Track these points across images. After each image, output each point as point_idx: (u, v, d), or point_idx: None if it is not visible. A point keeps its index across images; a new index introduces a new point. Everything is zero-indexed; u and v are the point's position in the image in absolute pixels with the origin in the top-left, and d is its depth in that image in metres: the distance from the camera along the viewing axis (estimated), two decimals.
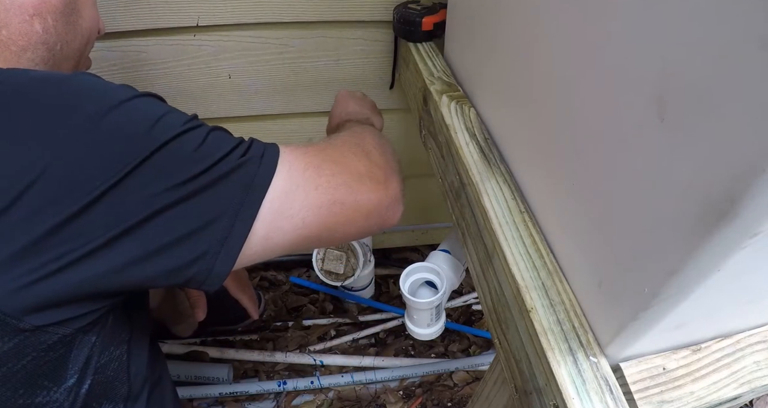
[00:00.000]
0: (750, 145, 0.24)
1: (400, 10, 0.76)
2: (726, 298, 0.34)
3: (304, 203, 0.44)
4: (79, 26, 0.51)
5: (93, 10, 0.54)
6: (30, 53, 0.46)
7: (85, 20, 0.52)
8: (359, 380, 1.06)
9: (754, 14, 0.23)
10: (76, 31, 0.51)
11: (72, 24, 0.50)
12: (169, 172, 0.38)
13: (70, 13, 0.49)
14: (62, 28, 0.49)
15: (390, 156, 0.56)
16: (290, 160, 0.45)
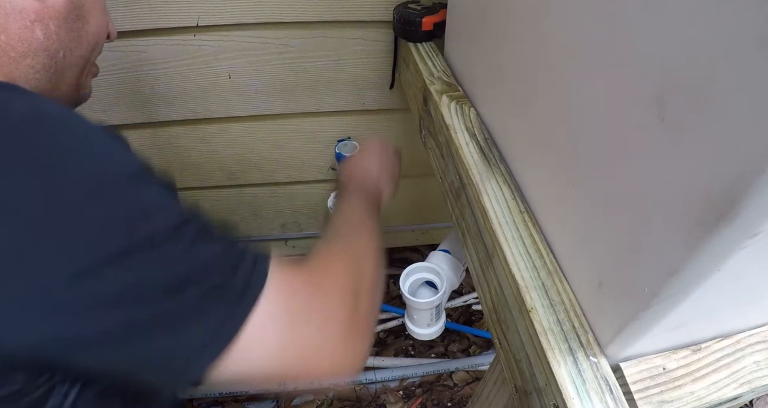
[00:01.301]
0: (750, 145, 0.24)
1: (400, 10, 0.76)
2: (726, 298, 0.34)
3: (262, 361, 0.38)
4: (85, 33, 0.50)
5: (101, 16, 0.52)
6: (30, 60, 0.45)
7: (91, 26, 0.50)
8: (359, 380, 1.06)
9: (754, 14, 0.23)
10: (80, 38, 0.49)
11: (76, 31, 0.48)
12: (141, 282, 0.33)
13: (74, 20, 0.48)
14: (65, 35, 0.47)
15: (377, 300, 0.54)
16: (271, 301, 0.38)
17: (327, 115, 0.93)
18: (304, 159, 0.99)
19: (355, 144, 0.95)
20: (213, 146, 0.95)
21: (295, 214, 1.11)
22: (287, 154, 0.98)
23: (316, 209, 1.10)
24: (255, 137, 0.94)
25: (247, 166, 0.99)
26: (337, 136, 0.97)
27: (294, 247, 1.18)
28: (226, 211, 1.07)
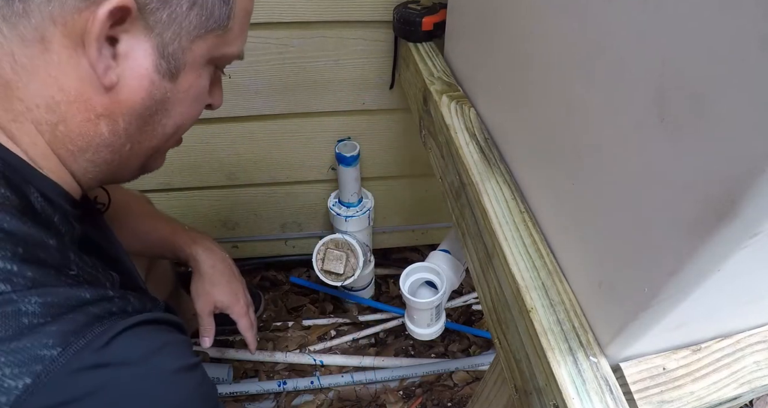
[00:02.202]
0: (750, 145, 0.24)
1: (400, 10, 0.76)
2: (726, 298, 0.34)
3: None
4: (162, 126, 0.44)
5: (194, 104, 0.45)
6: (90, 155, 0.41)
7: (173, 119, 0.44)
8: (359, 380, 1.06)
9: (754, 14, 0.23)
10: (155, 132, 0.44)
11: (152, 124, 0.43)
12: None
13: (153, 114, 0.42)
14: (136, 130, 0.42)
15: None
16: None
17: (327, 115, 0.93)
18: (304, 159, 0.99)
19: (355, 144, 0.95)
20: (213, 146, 0.95)
21: (295, 214, 1.11)
22: (287, 154, 0.98)
23: (316, 209, 1.10)
24: (255, 137, 0.94)
25: (247, 166, 0.99)
26: (337, 136, 0.97)
27: (294, 247, 1.18)
28: (226, 211, 1.07)
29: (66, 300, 0.34)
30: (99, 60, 0.36)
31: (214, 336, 0.80)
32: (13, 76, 0.36)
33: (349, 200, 1.01)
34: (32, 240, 0.35)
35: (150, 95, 0.40)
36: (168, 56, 0.40)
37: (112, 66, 0.38)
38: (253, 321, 0.84)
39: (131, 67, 0.38)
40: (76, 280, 0.36)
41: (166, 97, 0.42)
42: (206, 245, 0.79)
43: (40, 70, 0.36)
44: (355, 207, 1.02)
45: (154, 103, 0.41)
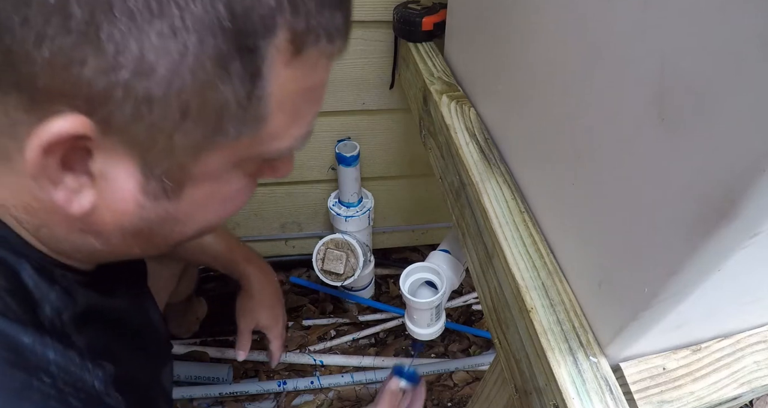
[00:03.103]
0: (750, 145, 0.24)
1: (400, 10, 0.76)
2: (726, 298, 0.34)
3: None
4: (178, 234, 0.37)
5: (224, 206, 0.37)
6: (85, 255, 0.37)
7: (192, 226, 0.37)
8: (359, 380, 1.06)
9: (754, 14, 0.23)
10: (170, 239, 0.37)
11: (161, 236, 0.36)
12: None
13: (156, 230, 0.35)
14: (139, 241, 0.36)
15: None
16: None
17: (327, 115, 0.93)
18: (304, 159, 0.99)
19: (355, 144, 0.95)
20: None
21: (295, 214, 1.11)
22: None
23: (316, 209, 1.10)
24: None
25: None
26: (337, 136, 0.97)
27: (294, 247, 1.18)
28: None
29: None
30: (56, 190, 0.29)
31: (248, 350, 0.83)
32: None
33: (349, 200, 1.01)
34: (5, 339, 0.30)
35: (141, 218, 0.33)
36: (158, 177, 0.31)
37: (83, 187, 0.30)
38: (284, 342, 0.88)
39: (110, 189, 0.31)
40: (44, 393, 0.31)
41: (169, 215, 0.34)
42: (260, 265, 0.82)
43: (6, 177, 0.31)
44: (355, 207, 1.02)
45: (151, 223, 0.34)
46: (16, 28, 0.25)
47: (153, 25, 0.25)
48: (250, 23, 0.27)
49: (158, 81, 0.26)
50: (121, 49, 0.25)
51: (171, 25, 0.25)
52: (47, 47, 0.25)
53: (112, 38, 0.25)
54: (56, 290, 0.36)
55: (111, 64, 0.26)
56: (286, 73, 0.30)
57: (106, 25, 0.25)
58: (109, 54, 0.25)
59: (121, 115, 0.27)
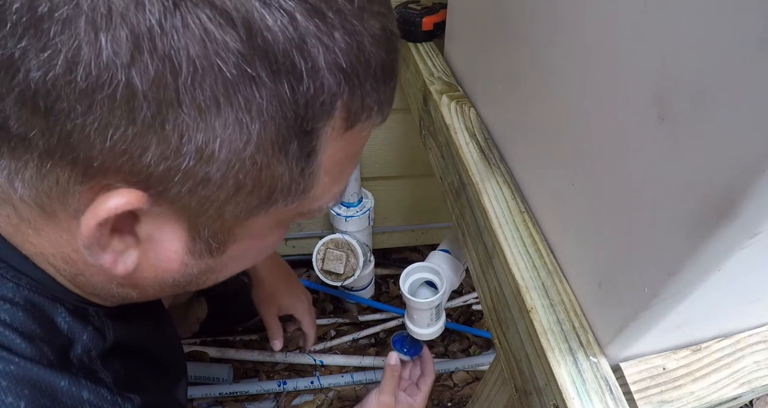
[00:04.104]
0: (750, 145, 0.24)
1: (400, 10, 0.76)
2: (726, 298, 0.34)
3: None
4: (212, 281, 0.38)
5: (258, 256, 0.39)
6: (118, 299, 0.38)
7: (226, 273, 0.38)
8: (359, 380, 1.06)
9: (754, 14, 0.23)
10: (204, 285, 0.38)
11: (195, 284, 0.37)
12: None
13: (192, 281, 0.36)
14: (171, 290, 0.37)
15: None
16: None
17: None
18: None
19: None
20: None
21: None
22: None
23: None
24: None
25: None
26: None
27: (294, 247, 1.18)
28: None
29: None
30: (104, 254, 0.30)
31: (282, 336, 0.82)
32: (19, 221, 0.31)
33: (349, 200, 1.01)
34: (41, 386, 0.32)
35: (183, 274, 0.34)
36: (206, 238, 0.32)
37: (129, 248, 0.31)
38: (314, 319, 0.85)
39: (155, 250, 0.31)
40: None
41: (209, 268, 0.35)
42: None
43: (47, 230, 0.31)
44: (355, 207, 1.02)
45: (191, 277, 0.35)
46: (79, 115, 0.24)
47: (219, 117, 0.25)
48: (311, 110, 0.27)
49: (218, 166, 0.27)
50: (185, 140, 0.26)
51: (236, 116, 0.26)
52: (110, 135, 0.25)
53: (177, 129, 0.25)
54: (89, 331, 0.38)
55: (174, 152, 0.26)
56: (336, 145, 0.31)
57: (173, 118, 0.25)
58: (173, 143, 0.25)
59: (176, 191, 0.28)
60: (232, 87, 0.25)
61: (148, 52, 0.23)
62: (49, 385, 0.32)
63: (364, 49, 0.28)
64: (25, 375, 0.31)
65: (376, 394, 0.69)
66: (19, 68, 0.24)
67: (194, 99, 0.24)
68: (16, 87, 0.24)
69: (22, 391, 0.31)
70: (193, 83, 0.24)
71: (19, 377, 0.31)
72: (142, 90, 0.24)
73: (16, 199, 0.30)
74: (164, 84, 0.24)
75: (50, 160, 0.27)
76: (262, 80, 0.25)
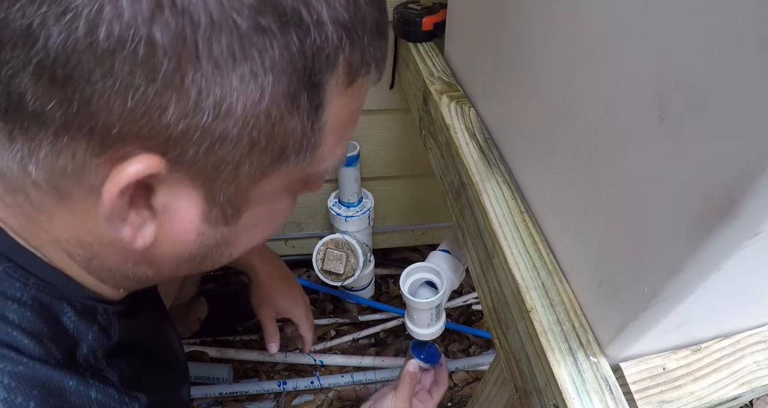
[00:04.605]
0: (750, 145, 0.24)
1: (400, 10, 0.76)
2: (726, 298, 0.34)
3: None
4: (226, 257, 0.38)
5: (269, 226, 0.38)
6: (135, 281, 0.38)
7: (239, 247, 0.38)
8: (359, 380, 1.06)
9: (754, 14, 0.23)
10: (218, 262, 0.38)
11: (210, 259, 0.37)
12: None
13: (209, 254, 0.36)
14: (189, 266, 0.37)
15: None
16: None
17: None
18: None
19: (355, 144, 0.95)
20: None
21: (295, 214, 1.11)
22: None
23: (316, 209, 1.10)
24: None
25: None
26: None
27: (294, 247, 1.18)
28: None
29: None
30: (123, 226, 0.30)
31: (279, 340, 0.82)
32: (32, 210, 0.32)
33: (349, 200, 1.01)
34: (50, 386, 0.32)
35: (200, 245, 0.34)
36: (221, 204, 0.32)
37: (146, 221, 0.31)
38: (312, 322, 0.85)
39: (172, 221, 0.31)
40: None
41: (224, 239, 0.35)
42: (262, 253, 0.81)
43: (61, 213, 0.31)
44: (355, 207, 1.02)
45: (207, 249, 0.35)
46: (99, 79, 0.24)
47: (235, 70, 0.26)
48: (318, 62, 0.28)
49: (235, 121, 0.27)
50: (204, 95, 0.26)
51: (251, 70, 0.26)
52: (130, 96, 0.25)
53: (195, 84, 0.25)
54: (93, 331, 0.38)
55: (192, 108, 0.26)
56: (340, 101, 0.32)
57: (192, 73, 0.25)
58: (192, 99, 0.26)
59: (193, 153, 0.28)
60: (246, 40, 0.25)
61: (168, 8, 0.23)
62: (58, 385, 0.32)
63: (360, 6, 0.29)
64: (34, 375, 0.31)
65: (392, 399, 0.68)
66: (38, 37, 0.24)
67: (212, 53, 0.25)
68: (34, 57, 0.24)
69: (31, 391, 0.31)
70: (211, 37, 0.25)
71: (28, 378, 0.31)
72: (163, 45, 0.24)
73: (29, 185, 0.30)
74: (184, 38, 0.24)
75: (66, 134, 0.27)
76: (274, 33, 0.26)
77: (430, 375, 0.77)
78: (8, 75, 0.25)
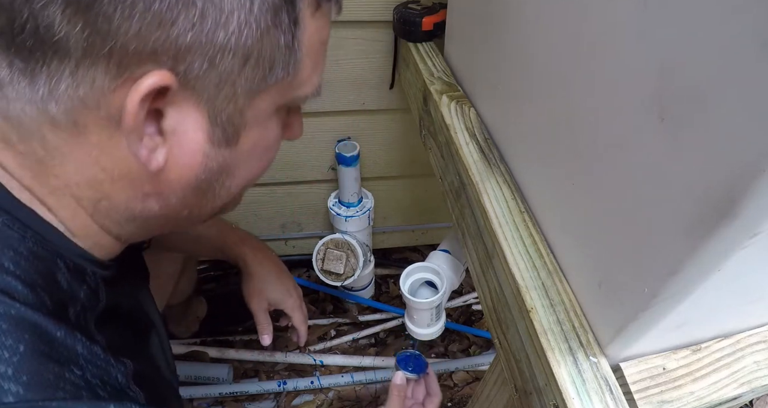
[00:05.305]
0: (750, 145, 0.24)
1: (400, 10, 0.76)
2: (726, 298, 0.34)
3: None
4: (226, 189, 0.40)
5: (264, 157, 0.41)
6: (138, 223, 0.39)
7: (238, 179, 0.40)
8: (359, 380, 1.06)
9: (755, 15, 0.23)
10: (218, 196, 0.40)
11: (212, 191, 0.39)
12: None
13: (212, 183, 0.38)
14: (193, 200, 0.39)
15: None
16: None
17: (327, 115, 0.93)
18: (304, 159, 0.99)
19: (355, 144, 0.95)
20: None
21: (295, 214, 1.11)
22: (287, 154, 0.98)
23: (316, 209, 1.10)
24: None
25: None
26: (337, 136, 0.97)
27: (294, 247, 1.18)
28: None
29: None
30: (141, 146, 0.32)
31: (272, 332, 0.81)
32: (45, 154, 0.33)
33: (349, 200, 1.01)
34: (40, 331, 0.32)
35: (205, 169, 0.36)
36: (223, 123, 0.34)
37: (158, 146, 0.33)
38: (305, 314, 0.85)
39: (180, 143, 0.34)
40: (75, 385, 0.33)
41: (226, 164, 0.37)
42: (253, 244, 0.81)
43: (76, 152, 0.33)
44: (355, 207, 1.02)
45: (210, 175, 0.37)
46: (108, 2, 0.27)
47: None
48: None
49: (232, 31, 0.31)
50: (208, 5, 0.29)
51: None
52: (143, 15, 0.28)
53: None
54: (84, 290, 0.38)
55: (198, 19, 0.29)
56: (311, 25, 0.36)
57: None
58: (198, 10, 0.29)
59: (198, 66, 0.31)
60: None
61: None
62: (47, 332, 0.33)
63: None
64: (26, 319, 0.32)
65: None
66: None
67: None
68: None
69: (22, 334, 0.31)
70: None
71: (20, 321, 0.31)
72: None
73: (46, 126, 0.32)
74: None
75: (87, 61, 0.29)
76: None
77: (421, 388, 0.76)
78: (38, 7, 0.28)
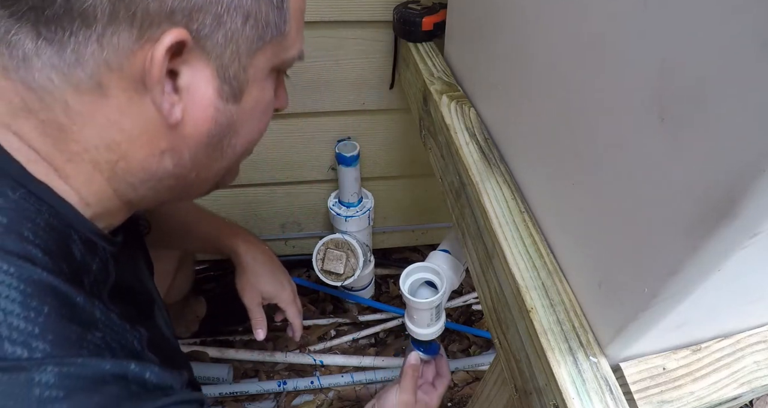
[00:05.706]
0: (750, 145, 0.24)
1: (400, 10, 0.76)
2: (726, 298, 0.34)
3: None
4: (231, 147, 0.43)
5: (262, 118, 0.45)
6: (152, 184, 0.40)
7: (242, 138, 0.43)
8: (359, 380, 1.06)
9: (755, 15, 0.23)
10: (225, 155, 0.43)
11: (220, 149, 0.42)
12: None
13: (220, 140, 0.41)
14: (203, 158, 0.41)
15: None
16: None
17: (327, 115, 0.93)
18: (304, 159, 0.99)
19: (355, 144, 0.95)
20: None
21: (295, 214, 1.11)
22: (287, 154, 0.98)
23: (316, 209, 1.10)
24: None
25: (246, 166, 0.99)
26: (337, 136, 0.97)
27: (294, 246, 1.18)
28: (225, 212, 1.07)
29: (84, 372, 0.32)
30: (163, 99, 0.35)
31: (266, 326, 0.81)
32: (67, 120, 0.35)
33: (349, 200, 1.01)
34: (61, 296, 0.33)
35: (216, 123, 0.39)
36: (229, 79, 0.38)
37: (175, 103, 0.36)
38: (299, 308, 0.85)
39: (194, 98, 0.37)
40: (98, 346, 0.34)
41: (233, 120, 0.40)
42: (246, 238, 0.81)
43: (97, 115, 0.35)
44: (355, 207, 1.02)
45: (220, 130, 0.40)
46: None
47: None
48: None
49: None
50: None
51: None
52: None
53: None
54: (96, 263, 0.40)
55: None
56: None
57: None
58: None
59: (209, 24, 0.35)
60: None
61: None
62: (68, 297, 0.34)
63: None
64: (49, 284, 0.33)
65: (397, 392, 0.68)
66: None
67: None
68: None
69: (45, 297, 0.32)
70: None
71: (43, 285, 0.32)
72: None
73: (70, 91, 0.34)
74: None
75: (113, 25, 0.32)
76: None
77: (432, 368, 0.77)
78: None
